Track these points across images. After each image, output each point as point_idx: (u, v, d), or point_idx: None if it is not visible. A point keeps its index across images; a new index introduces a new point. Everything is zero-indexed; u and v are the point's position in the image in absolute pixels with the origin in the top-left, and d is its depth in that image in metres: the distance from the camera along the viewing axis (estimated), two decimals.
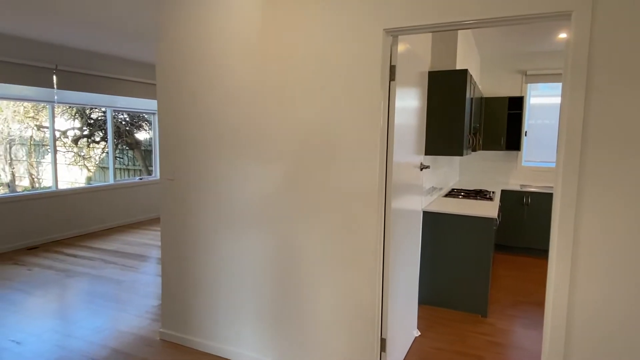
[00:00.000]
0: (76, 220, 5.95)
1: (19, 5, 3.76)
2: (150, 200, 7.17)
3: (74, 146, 9.64)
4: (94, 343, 2.96)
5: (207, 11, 2.62)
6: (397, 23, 2.10)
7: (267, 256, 2.57)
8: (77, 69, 5.71)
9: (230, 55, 2.57)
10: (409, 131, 2.58)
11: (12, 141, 9.97)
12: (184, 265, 2.90)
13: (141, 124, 9.49)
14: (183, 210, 2.87)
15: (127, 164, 9.32)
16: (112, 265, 4.69)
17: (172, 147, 2.87)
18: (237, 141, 2.60)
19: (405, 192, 2.57)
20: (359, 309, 2.32)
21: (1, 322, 3.24)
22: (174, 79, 2.80)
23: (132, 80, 6.59)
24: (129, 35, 4.83)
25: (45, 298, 3.74)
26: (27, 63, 5.13)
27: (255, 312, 2.64)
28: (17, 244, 5.23)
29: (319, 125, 2.32)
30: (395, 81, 2.23)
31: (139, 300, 3.72)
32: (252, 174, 2.57)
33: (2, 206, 5.06)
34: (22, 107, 9.68)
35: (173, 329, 2.98)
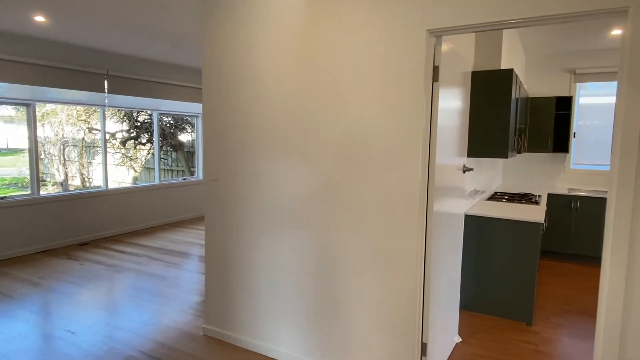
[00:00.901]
0: (124, 218, 6.24)
1: (78, 15, 4.00)
2: (193, 200, 7.41)
3: (122, 148, 10.11)
4: (141, 336, 3.09)
5: (249, 15, 2.68)
6: (440, 23, 2.08)
7: (307, 256, 2.60)
8: (126, 74, 6.01)
9: (272, 58, 2.62)
10: (452, 133, 2.54)
11: (66, 143, 10.60)
12: (227, 263, 2.98)
13: (184, 126, 9.83)
14: (226, 210, 2.95)
15: (171, 165, 9.68)
16: (157, 261, 4.88)
17: (216, 148, 2.96)
18: (279, 143, 2.65)
19: (447, 195, 2.53)
20: (399, 312, 2.30)
21: (57, 313, 3.46)
22: (218, 83, 2.89)
23: (177, 85, 6.85)
24: (175, 41, 5.02)
25: (96, 291, 3.94)
26: (81, 69, 5.45)
27: (296, 311, 2.68)
28: (69, 240, 5.55)
29: (360, 127, 2.33)
30: (438, 82, 2.20)
31: (183, 296, 3.86)
32: (293, 175, 2.61)
33: (56, 204, 5.39)
34: (75, 110, 10.27)
35: (216, 325, 3.07)
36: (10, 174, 14.25)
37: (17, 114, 14.52)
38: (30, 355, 2.80)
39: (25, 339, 3.01)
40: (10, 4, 3.69)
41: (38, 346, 2.92)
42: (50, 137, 9.93)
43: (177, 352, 2.87)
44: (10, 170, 14.97)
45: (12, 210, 4.95)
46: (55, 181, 10.29)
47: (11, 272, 4.44)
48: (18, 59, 4.81)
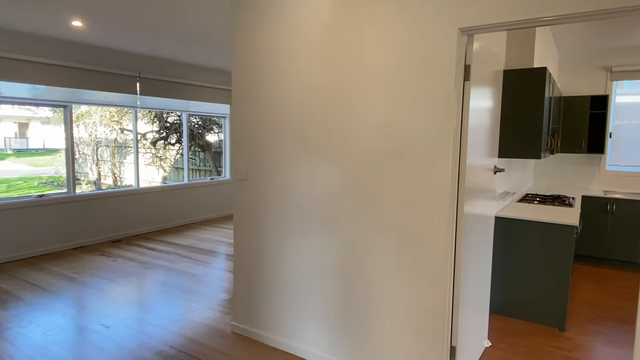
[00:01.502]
0: (154, 216, 6.41)
1: (112, 19, 4.13)
2: (220, 199, 7.54)
3: (152, 148, 10.38)
4: (171, 331, 3.17)
5: (277, 16, 2.71)
6: (472, 22, 2.05)
7: (333, 256, 2.60)
8: (157, 76, 6.17)
9: (300, 58, 2.64)
10: (483, 132, 2.49)
11: (99, 143, 10.96)
12: (254, 261, 3.02)
13: (212, 127, 10.01)
14: (254, 209, 2.99)
15: (199, 165, 9.87)
16: (186, 259, 4.99)
17: (244, 149, 3.00)
18: (307, 142, 2.66)
19: (478, 196, 2.48)
20: (428, 314, 2.28)
21: (92, 307, 3.58)
22: (247, 84, 2.93)
23: (205, 86, 6.98)
24: (204, 43, 5.12)
25: (128, 287, 4.07)
26: (115, 72, 5.63)
27: (323, 311, 2.68)
28: (103, 237, 5.74)
29: (388, 128, 2.32)
30: (469, 81, 2.17)
31: (211, 293, 3.93)
32: (321, 175, 2.62)
33: (90, 202, 5.58)
34: (108, 112, 10.61)
35: (243, 322, 3.12)
36: (47, 172, 14.85)
37: (53, 115, 15.08)
38: (67, 347, 2.91)
39: (63, 331, 3.14)
40: (51, 10, 3.86)
41: (74, 339, 3.04)
42: (84, 138, 10.29)
43: (206, 348, 2.93)
44: (46, 169, 15.59)
45: (49, 207, 5.16)
46: (88, 180, 10.66)
47: (48, 267, 4.63)
48: (56, 62, 5.01)
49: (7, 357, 2.78)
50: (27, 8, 3.83)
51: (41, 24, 4.37)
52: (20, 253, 4.90)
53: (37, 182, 12.67)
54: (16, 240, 4.87)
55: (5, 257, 4.78)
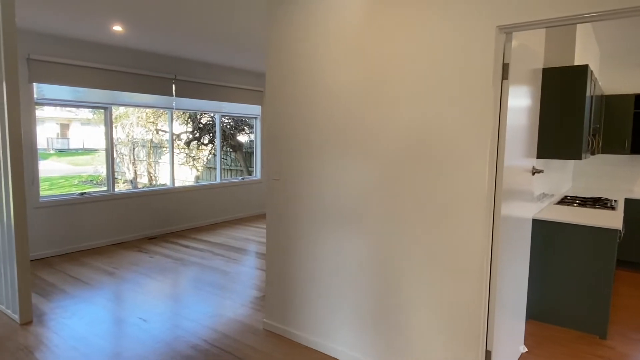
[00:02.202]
0: (188, 214, 6.58)
1: (151, 24, 4.28)
2: (251, 199, 7.66)
3: (186, 148, 10.66)
4: (205, 326, 3.25)
5: (311, 16, 2.74)
6: (511, 19, 2.00)
7: (366, 256, 2.60)
8: (192, 79, 6.34)
9: (333, 58, 2.65)
10: (521, 132, 2.43)
11: (135, 143, 11.35)
12: (287, 260, 3.05)
13: (243, 127, 10.18)
14: (287, 208, 3.02)
15: (230, 165, 10.06)
16: (219, 257, 5.10)
17: (277, 148, 3.04)
18: (340, 143, 2.67)
19: (515, 198, 2.43)
20: (463, 317, 2.24)
21: (131, 302, 3.72)
22: (280, 85, 2.97)
23: (237, 87, 7.11)
24: (238, 45, 5.22)
25: (164, 283, 4.19)
26: (152, 74, 5.82)
27: (354, 311, 2.69)
28: (139, 234, 5.94)
29: (423, 126, 2.30)
30: (508, 80, 2.12)
31: (243, 290, 4.00)
32: (353, 175, 2.62)
33: (127, 200, 5.79)
34: (145, 113, 10.97)
35: (275, 320, 3.16)
36: (86, 171, 15.47)
37: (93, 116, 15.69)
38: (107, 339, 3.04)
39: (103, 324, 3.27)
40: (94, 16, 4.03)
41: (114, 331, 3.16)
42: (122, 138, 10.67)
43: (239, 343, 2.98)
44: (86, 168, 16.24)
45: (90, 205, 5.39)
46: (125, 179, 11.05)
47: (89, 262, 4.84)
48: (98, 65, 5.23)
49: (53, 346, 2.93)
50: (72, 15, 4.01)
51: (84, 30, 4.58)
52: (63, 248, 5.15)
53: (78, 181, 13.24)
54: (60, 235, 5.11)
55: (50, 251, 5.03)
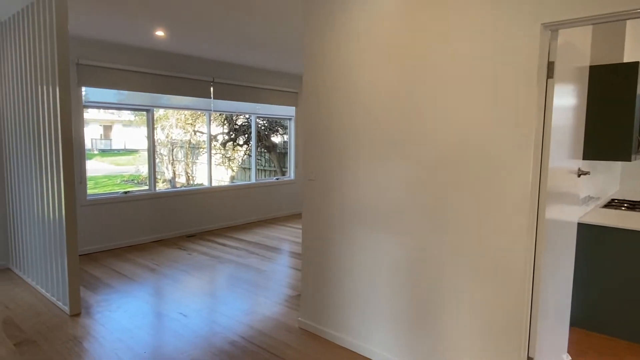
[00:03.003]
0: (224, 213, 6.74)
1: (191, 29, 4.42)
2: (285, 199, 7.75)
3: (222, 149, 10.92)
4: (242, 323, 3.32)
5: (347, 18, 2.75)
6: (557, 16, 1.94)
7: (403, 259, 2.59)
8: (229, 81, 6.49)
9: (370, 59, 2.65)
10: (566, 133, 2.35)
11: (174, 144, 11.74)
12: (322, 260, 3.07)
13: (277, 128, 10.32)
14: (322, 208, 3.05)
15: (264, 165, 10.22)
16: (255, 255, 5.19)
17: (314, 149, 3.07)
18: (377, 144, 2.67)
19: (560, 201, 2.34)
20: (504, 321, 2.19)
21: (171, 297, 3.85)
22: (317, 86, 3.00)
23: (272, 89, 7.22)
24: (274, 48, 5.31)
25: (202, 279, 4.32)
26: (191, 77, 6.00)
27: (391, 313, 2.68)
28: (179, 232, 6.14)
29: (464, 127, 2.26)
30: (553, 78, 2.05)
31: (278, 289, 4.06)
32: (390, 176, 2.61)
33: (167, 199, 6.00)
34: (183, 115, 11.32)
35: (310, 319, 3.19)
36: (127, 171, 16.15)
37: (134, 118, 16.31)
38: (149, 332, 3.16)
39: (146, 317, 3.41)
40: (138, 22, 4.21)
41: (156, 324, 3.29)
42: (161, 139, 11.05)
43: (275, 341, 3.03)
44: (127, 168, 16.94)
45: (133, 203, 5.61)
46: (164, 178, 11.45)
47: (132, 258, 5.05)
48: (141, 69, 5.45)
49: (100, 337, 3.07)
50: (119, 21, 4.21)
51: (129, 35, 4.78)
52: (108, 244, 5.39)
53: (120, 180, 13.83)
54: (105, 232, 5.36)
55: (96, 247, 5.28)
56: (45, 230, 3.72)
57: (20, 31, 3.81)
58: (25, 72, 3.80)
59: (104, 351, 2.88)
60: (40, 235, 3.81)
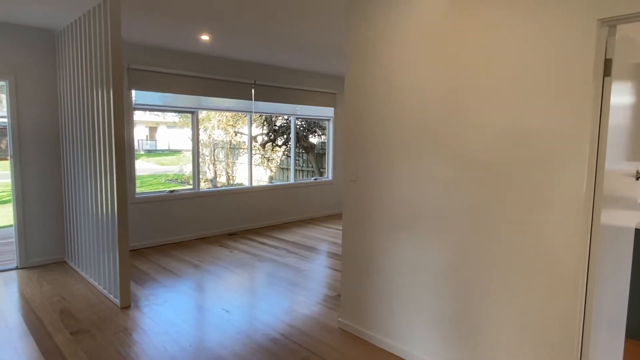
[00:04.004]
0: (264, 213, 6.86)
1: (236, 33, 4.54)
2: (323, 199, 7.78)
3: (261, 149, 11.13)
4: (282, 321, 3.37)
5: (391, 20, 2.73)
6: (615, 11, 1.85)
7: (446, 262, 2.54)
8: (269, 83, 6.60)
9: (414, 59, 2.62)
10: (624, 133, 2.23)
11: (216, 145, 12.08)
12: (363, 260, 3.07)
13: (315, 129, 10.39)
14: (363, 209, 3.04)
15: (302, 166, 10.32)
16: (293, 255, 5.25)
17: (355, 150, 3.07)
18: (420, 145, 2.64)
19: (617, 205, 2.23)
20: (554, 330, 2.10)
21: (214, 293, 3.97)
22: (359, 87, 3.00)
23: (311, 90, 7.27)
24: (315, 50, 5.36)
25: (243, 277, 4.42)
26: (234, 80, 6.16)
27: (433, 316, 2.64)
28: (220, 230, 6.31)
29: (514, 128, 2.20)
30: (610, 76, 1.96)
31: (317, 288, 4.09)
32: (432, 177, 2.57)
33: (210, 198, 6.18)
34: (225, 116, 11.65)
35: (350, 320, 3.19)
36: (171, 170, 16.70)
37: (178, 120, 16.90)
38: (194, 326, 3.27)
39: (191, 312, 3.53)
40: (185, 27, 4.37)
41: (199, 319, 3.40)
42: (203, 140, 11.39)
43: (315, 340, 3.06)
44: (171, 167, 17.51)
45: (178, 202, 5.83)
46: (206, 178, 11.81)
47: (177, 254, 5.24)
48: (186, 73, 5.65)
49: (148, 330, 3.21)
50: (166, 26, 4.38)
51: (176, 40, 4.97)
52: (154, 240, 5.62)
53: (164, 179, 14.39)
54: (151, 229, 5.59)
55: (143, 243, 5.53)
56: (98, 226, 3.93)
57: (77, 39, 4.05)
58: (81, 77, 4.04)
59: (151, 343, 3.01)
60: (94, 230, 4.03)
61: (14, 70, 4.41)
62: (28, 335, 3.09)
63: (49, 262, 4.80)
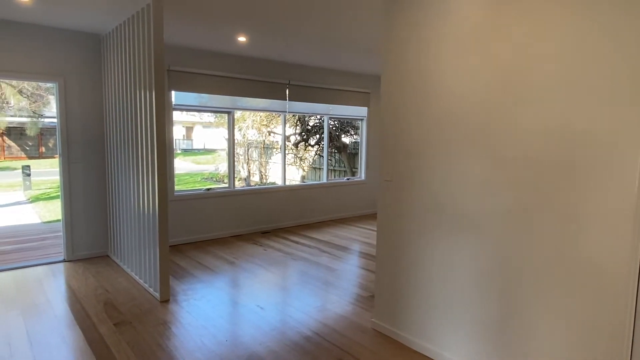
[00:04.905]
0: (296, 212, 6.92)
1: (272, 34, 4.61)
2: (355, 199, 7.76)
3: (294, 149, 11.23)
4: (315, 319, 3.39)
5: (430, 18, 2.69)
6: None
7: (486, 263, 2.48)
8: (304, 83, 6.65)
9: (454, 57, 2.58)
10: None
11: (250, 144, 12.29)
12: (398, 261, 3.05)
13: (348, 129, 10.38)
14: (398, 209, 3.02)
15: (334, 166, 10.33)
16: (326, 254, 5.27)
17: (390, 150, 3.05)
18: (459, 144, 2.59)
19: None
20: (603, 338, 2.02)
21: (249, 289, 4.04)
22: (395, 87, 2.98)
23: (345, 90, 7.27)
24: (350, 50, 5.35)
25: (277, 274, 4.47)
26: (269, 80, 6.24)
27: (472, 322, 2.58)
28: (254, 228, 6.41)
29: (561, 129, 2.12)
30: None
31: (349, 288, 4.09)
32: (471, 178, 2.52)
33: (244, 196, 6.29)
34: (259, 116, 11.82)
35: (384, 321, 3.17)
36: (207, 169, 17.10)
37: (214, 120, 17.25)
38: (230, 321, 3.34)
39: (227, 307, 3.61)
40: (224, 28, 4.47)
41: (235, 315, 3.47)
42: (238, 140, 11.59)
43: (348, 340, 3.06)
44: (206, 166, 17.97)
45: (214, 200, 5.97)
46: (240, 177, 12.04)
47: (214, 250, 5.37)
48: (223, 74, 5.78)
49: (186, 323, 3.31)
50: (204, 29, 4.50)
51: (214, 42, 5.09)
52: (192, 237, 5.79)
53: (200, 178, 14.78)
54: (189, 226, 5.76)
55: (181, 239, 5.70)
56: (140, 222, 4.09)
57: (121, 42, 4.22)
58: (125, 79, 4.21)
59: (190, 336, 3.10)
60: (136, 226, 4.19)
61: (63, 73, 4.64)
62: (74, 325, 3.25)
63: (93, 256, 5.03)
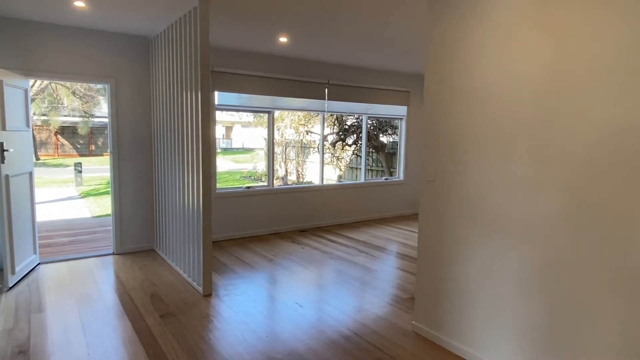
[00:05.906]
0: (334, 211, 6.93)
1: (313, 34, 4.64)
2: (392, 199, 7.69)
3: (331, 148, 11.25)
4: (354, 319, 3.39)
5: (475, 16, 2.62)
6: None
7: (535, 268, 2.39)
8: (343, 82, 6.65)
9: (500, 57, 2.50)
10: None
11: (288, 144, 12.42)
12: (440, 264, 2.99)
13: (386, 128, 10.28)
14: (442, 211, 2.96)
15: (371, 165, 10.27)
16: (363, 254, 5.26)
17: (433, 150, 3.00)
18: (503, 144, 2.51)
19: None
20: None
21: (287, 287, 4.09)
22: (439, 87, 2.92)
23: (384, 89, 7.21)
24: (390, 49, 5.30)
25: (315, 273, 4.50)
26: (308, 80, 6.29)
27: (517, 328, 2.50)
28: (292, 226, 6.48)
29: (623, 128, 2.01)
30: None
31: (388, 289, 4.05)
32: (519, 179, 2.44)
33: (282, 195, 6.37)
34: (297, 116, 11.93)
35: (425, 324, 3.13)
36: (245, 168, 17.46)
37: (253, 120, 17.51)
38: (269, 317, 3.40)
39: (266, 304, 3.67)
40: (266, 29, 4.54)
41: (274, 311, 3.53)
42: (276, 139, 11.74)
43: (388, 342, 3.04)
44: (245, 165, 18.31)
45: (254, 197, 6.08)
46: (277, 176, 12.20)
47: (253, 247, 5.47)
48: (264, 74, 5.87)
49: (228, 318, 3.40)
50: (247, 30, 4.59)
51: (256, 43, 5.19)
52: (232, 233, 5.93)
53: (239, 176, 15.10)
54: (230, 223, 5.90)
55: (222, 236, 5.85)
56: (184, 218, 4.23)
57: (168, 45, 4.38)
58: (171, 80, 4.37)
59: (231, 330, 3.18)
60: (180, 222, 4.34)
61: (115, 75, 4.88)
62: (123, 315, 3.41)
63: (140, 250, 5.26)
